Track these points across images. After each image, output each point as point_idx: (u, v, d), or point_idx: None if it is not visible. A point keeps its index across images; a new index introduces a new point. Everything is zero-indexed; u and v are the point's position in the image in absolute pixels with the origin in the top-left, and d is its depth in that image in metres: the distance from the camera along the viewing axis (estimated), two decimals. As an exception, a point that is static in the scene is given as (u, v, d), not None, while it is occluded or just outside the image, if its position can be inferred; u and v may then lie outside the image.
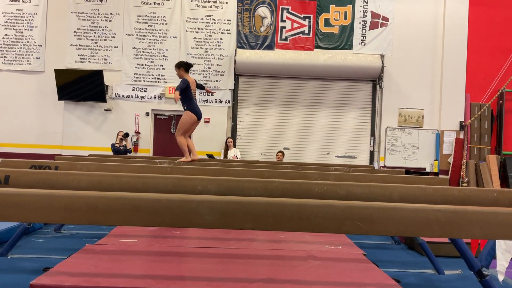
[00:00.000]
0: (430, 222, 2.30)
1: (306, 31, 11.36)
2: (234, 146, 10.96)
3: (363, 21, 11.36)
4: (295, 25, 11.36)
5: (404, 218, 2.30)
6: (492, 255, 3.93)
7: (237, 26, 11.34)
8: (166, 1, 11.28)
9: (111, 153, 9.87)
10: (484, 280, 3.39)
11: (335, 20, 11.37)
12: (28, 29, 11.21)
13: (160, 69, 11.22)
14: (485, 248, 4.03)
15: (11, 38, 11.19)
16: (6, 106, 11.07)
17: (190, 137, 6.64)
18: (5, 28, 11.20)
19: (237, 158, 10.39)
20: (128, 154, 10.03)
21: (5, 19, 11.20)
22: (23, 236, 4.87)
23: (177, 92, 5.95)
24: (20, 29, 11.21)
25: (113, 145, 10.06)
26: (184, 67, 6.31)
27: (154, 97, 11.20)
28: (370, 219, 2.28)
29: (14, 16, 11.20)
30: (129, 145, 10.37)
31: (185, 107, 6.28)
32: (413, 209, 2.32)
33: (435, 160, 11.26)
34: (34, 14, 11.20)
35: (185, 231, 5.30)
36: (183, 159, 6.04)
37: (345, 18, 11.36)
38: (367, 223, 2.28)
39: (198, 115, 6.29)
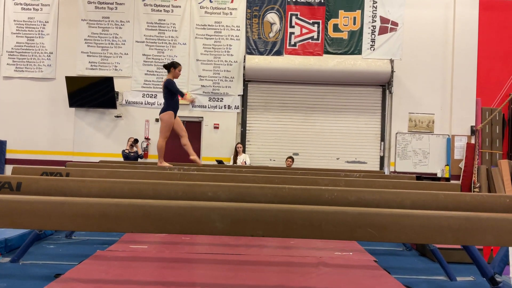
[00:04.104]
0: (442, 229, 2.28)
1: (315, 37, 11.36)
2: (244, 151, 10.96)
3: (372, 26, 11.34)
4: (304, 30, 11.37)
5: (416, 225, 2.28)
6: (505, 261, 3.88)
7: (246, 32, 11.37)
8: (176, 8, 11.35)
9: (121, 159, 9.92)
10: (497, 287, 3.35)
11: (344, 25, 11.36)
12: (39, 37, 11.33)
13: (169, 75, 11.26)
14: (498, 254, 3.98)
15: (22, 46, 11.31)
16: (18, 113, 11.18)
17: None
18: (16, 36, 11.33)
19: (246, 163, 10.38)
20: (140, 159, 10.08)
21: (16, 27, 11.34)
22: (34, 242, 4.89)
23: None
24: (31, 37, 11.33)
25: (123, 152, 10.12)
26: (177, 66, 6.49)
27: (164, 104, 11.24)
28: (382, 226, 2.27)
29: (25, 24, 11.33)
30: (140, 151, 10.43)
31: (168, 104, 6.38)
32: (425, 216, 2.30)
33: (446, 165, 11.17)
34: (45, 22, 11.33)
35: (195, 237, 5.30)
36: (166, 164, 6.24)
37: (354, 23, 11.35)
38: (379, 230, 2.27)
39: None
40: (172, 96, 6.46)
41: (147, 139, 11.18)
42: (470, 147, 10.95)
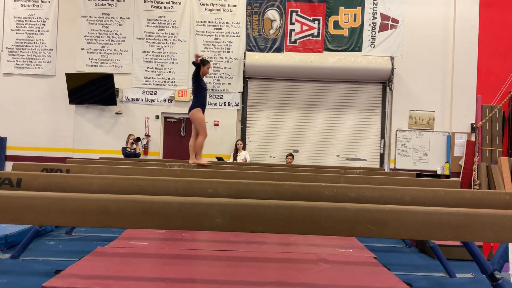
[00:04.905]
0: (442, 225, 2.28)
1: (316, 34, 11.35)
2: (244, 148, 10.95)
3: (372, 23, 11.32)
4: (304, 27, 11.35)
5: (416, 221, 2.28)
6: (505, 258, 3.89)
7: (247, 29, 11.35)
8: (176, 5, 11.34)
9: (121, 156, 9.92)
10: (496, 284, 3.35)
11: (345, 22, 11.34)
12: (39, 34, 11.32)
13: (170, 72, 11.27)
14: (498, 251, 3.99)
15: (22, 43, 11.30)
16: (18, 110, 11.18)
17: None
18: (16, 33, 11.32)
19: (246, 160, 10.39)
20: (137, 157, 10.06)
21: (16, 23, 11.32)
22: (34, 238, 4.90)
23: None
24: (31, 33, 11.32)
25: (124, 149, 10.11)
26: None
27: (164, 100, 11.25)
28: (381, 222, 2.27)
29: (25, 20, 11.32)
30: (139, 149, 10.41)
31: (196, 100, 6.30)
32: (425, 212, 2.30)
33: (446, 162, 11.18)
34: (45, 18, 11.31)
35: (195, 234, 5.31)
36: (202, 161, 6.07)
37: (355, 20, 11.33)
38: (379, 226, 2.27)
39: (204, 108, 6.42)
40: (200, 91, 6.32)
41: (147, 136, 11.18)
42: (470, 145, 10.95)
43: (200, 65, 6.33)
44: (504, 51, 11.24)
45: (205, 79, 11.23)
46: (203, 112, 6.39)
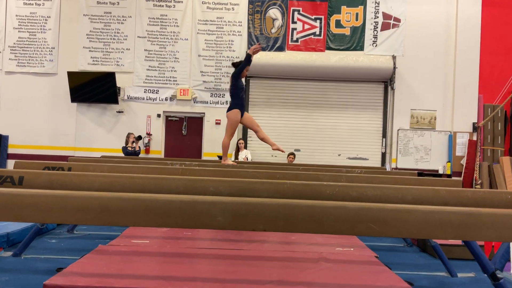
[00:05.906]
0: (443, 224, 2.28)
1: (317, 33, 11.34)
2: (245, 147, 10.95)
3: (374, 22, 11.31)
4: (306, 26, 11.35)
5: (417, 220, 2.28)
6: (506, 257, 3.89)
7: (248, 28, 11.35)
8: (178, 4, 11.34)
9: (123, 155, 9.92)
10: (498, 283, 3.35)
11: (347, 21, 11.33)
12: (41, 32, 11.33)
13: (171, 71, 11.27)
14: (499, 250, 3.99)
15: (24, 41, 11.31)
16: (20, 108, 11.19)
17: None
18: (18, 31, 11.33)
19: (248, 159, 10.38)
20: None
21: (18, 22, 11.33)
22: (36, 236, 4.91)
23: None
24: (33, 32, 11.33)
25: (125, 148, 10.10)
26: None
27: (166, 99, 11.26)
28: (383, 221, 2.27)
29: (27, 19, 11.33)
30: (137, 148, 10.37)
31: (234, 101, 6.10)
32: (427, 211, 2.30)
33: (447, 162, 11.16)
34: (47, 17, 11.32)
35: (196, 232, 5.31)
36: (227, 162, 5.96)
37: (357, 19, 11.32)
38: (380, 225, 2.27)
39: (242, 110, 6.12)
40: (237, 92, 6.08)
41: (148, 134, 11.19)
42: (472, 144, 10.93)
43: (247, 62, 5.88)
44: (506, 50, 11.22)
45: (207, 78, 11.36)
46: (242, 114, 6.12)
